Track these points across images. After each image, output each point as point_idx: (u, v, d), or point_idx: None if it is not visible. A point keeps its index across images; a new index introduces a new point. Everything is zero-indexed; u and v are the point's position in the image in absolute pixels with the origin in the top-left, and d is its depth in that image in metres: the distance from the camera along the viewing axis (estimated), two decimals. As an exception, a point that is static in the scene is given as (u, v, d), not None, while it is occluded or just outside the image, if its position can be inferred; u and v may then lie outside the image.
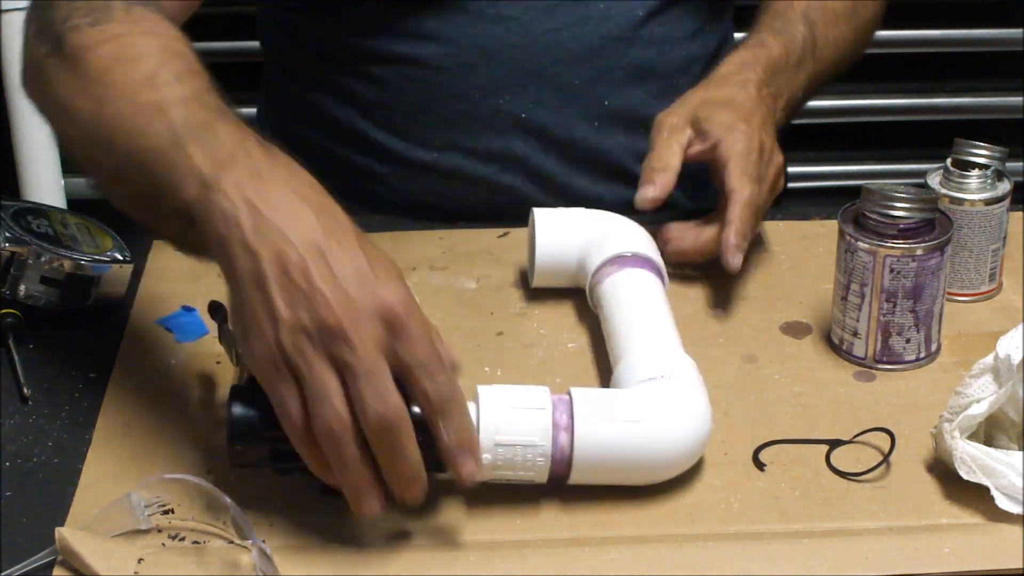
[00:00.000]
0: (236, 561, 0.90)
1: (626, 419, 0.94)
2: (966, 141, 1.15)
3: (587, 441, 0.93)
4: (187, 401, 1.05)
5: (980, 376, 0.94)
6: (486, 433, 0.92)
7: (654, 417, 0.94)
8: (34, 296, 1.12)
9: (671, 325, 1.05)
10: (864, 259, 1.06)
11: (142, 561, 0.90)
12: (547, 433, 0.93)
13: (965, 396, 0.94)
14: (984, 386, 0.94)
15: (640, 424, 0.94)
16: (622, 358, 1.01)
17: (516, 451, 0.92)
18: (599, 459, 0.93)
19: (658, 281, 1.10)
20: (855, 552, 0.92)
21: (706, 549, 0.92)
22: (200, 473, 0.97)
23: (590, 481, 0.95)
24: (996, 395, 0.93)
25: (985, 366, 0.95)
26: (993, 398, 0.94)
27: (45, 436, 1.02)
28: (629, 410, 0.94)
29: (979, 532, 0.93)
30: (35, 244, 1.11)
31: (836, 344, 1.10)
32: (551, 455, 0.93)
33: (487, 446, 0.92)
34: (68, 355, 1.11)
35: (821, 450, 1.00)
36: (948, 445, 0.94)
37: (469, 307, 1.16)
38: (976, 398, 0.94)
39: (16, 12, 1.78)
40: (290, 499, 0.95)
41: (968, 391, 0.94)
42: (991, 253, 1.15)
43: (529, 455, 0.92)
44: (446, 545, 0.92)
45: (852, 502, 0.96)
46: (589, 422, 0.93)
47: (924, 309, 1.07)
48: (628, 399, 0.96)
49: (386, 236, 1.24)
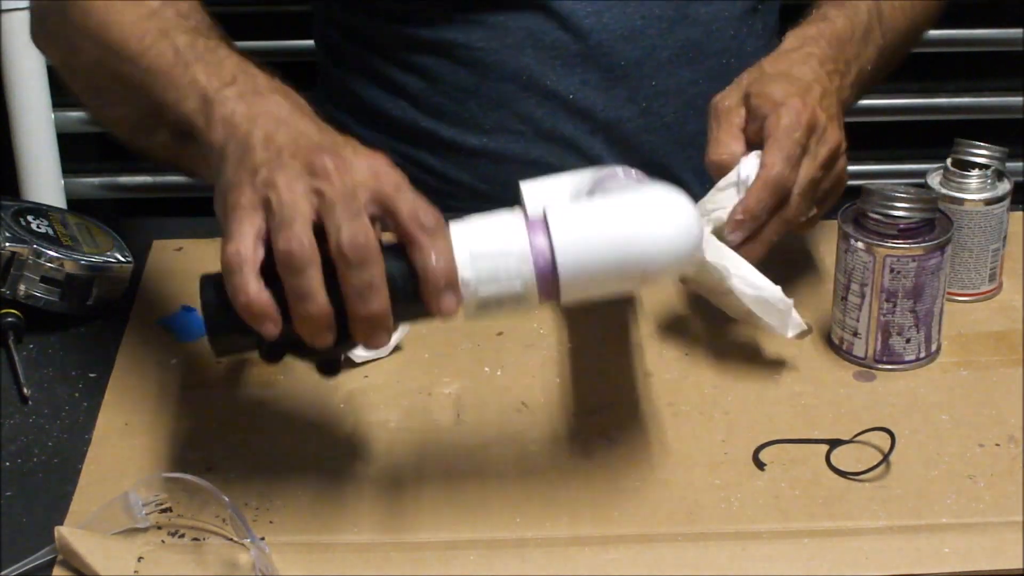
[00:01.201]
0: (235, 560, 0.90)
1: (603, 206, 0.87)
2: (966, 141, 1.15)
3: (567, 235, 0.86)
4: (187, 401, 1.05)
5: (726, 189, 1.05)
6: (460, 245, 0.85)
7: (634, 197, 0.88)
8: (34, 296, 1.12)
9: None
10: (864, 259, 1.06)
11: (142, 560, 0.90)
12: (521, 231, 0.86)
13: (714, 203, 1.05)
14: (729, 197, 1.05)
15: (621, 207, 0.87)
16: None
17: (496, 261, 0.85)
18: (585, 254, 0.86)
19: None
20: (855, 552, 0.92)
21: (706, 549, 0.92)
22: (200, 472, 0.97)
23: (584, 292, 0.88)
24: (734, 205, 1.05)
25: (729, 182, 1.05)
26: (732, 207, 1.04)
27: (45, 436, 1.02)
28: (606, 201, 0.88)
29: (979, 532, 0.93)
30: (35, 244, 1.11)
31: (836, 344, 1.10)
32: (533, 260, 0.86)
33: (463, 260, 0.85)
34: (68, 355, 1.11)
35: (821, 450, 1.00)
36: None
37: (469, 307, 1.16)
38: (721, 207, 1.04)
39: (16, 12, 1.78)
40: (290, 497, 0.95)
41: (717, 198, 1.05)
42: (991, 253, 1.15)
43: (512, 264, 0.86)
44: (446, 543, 0.92)
45: (852, 502, 0.96)
46: (563, 212, 0.87)
47: (924, 309, 1.07)
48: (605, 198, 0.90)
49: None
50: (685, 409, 1.04)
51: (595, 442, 1.01)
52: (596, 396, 1.06)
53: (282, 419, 1.03)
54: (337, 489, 0.95)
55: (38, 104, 1.84)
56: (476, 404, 1.05)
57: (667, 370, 1.09)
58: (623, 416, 1.04)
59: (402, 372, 1.06)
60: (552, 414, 1.04)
